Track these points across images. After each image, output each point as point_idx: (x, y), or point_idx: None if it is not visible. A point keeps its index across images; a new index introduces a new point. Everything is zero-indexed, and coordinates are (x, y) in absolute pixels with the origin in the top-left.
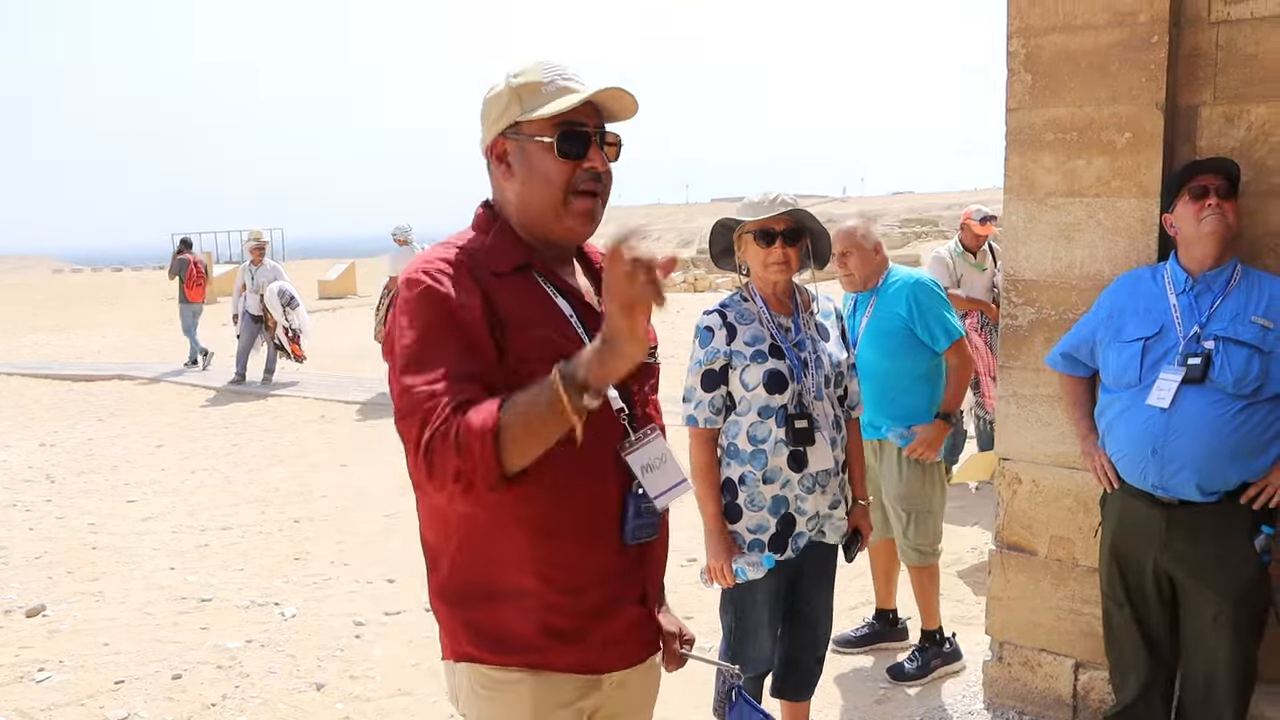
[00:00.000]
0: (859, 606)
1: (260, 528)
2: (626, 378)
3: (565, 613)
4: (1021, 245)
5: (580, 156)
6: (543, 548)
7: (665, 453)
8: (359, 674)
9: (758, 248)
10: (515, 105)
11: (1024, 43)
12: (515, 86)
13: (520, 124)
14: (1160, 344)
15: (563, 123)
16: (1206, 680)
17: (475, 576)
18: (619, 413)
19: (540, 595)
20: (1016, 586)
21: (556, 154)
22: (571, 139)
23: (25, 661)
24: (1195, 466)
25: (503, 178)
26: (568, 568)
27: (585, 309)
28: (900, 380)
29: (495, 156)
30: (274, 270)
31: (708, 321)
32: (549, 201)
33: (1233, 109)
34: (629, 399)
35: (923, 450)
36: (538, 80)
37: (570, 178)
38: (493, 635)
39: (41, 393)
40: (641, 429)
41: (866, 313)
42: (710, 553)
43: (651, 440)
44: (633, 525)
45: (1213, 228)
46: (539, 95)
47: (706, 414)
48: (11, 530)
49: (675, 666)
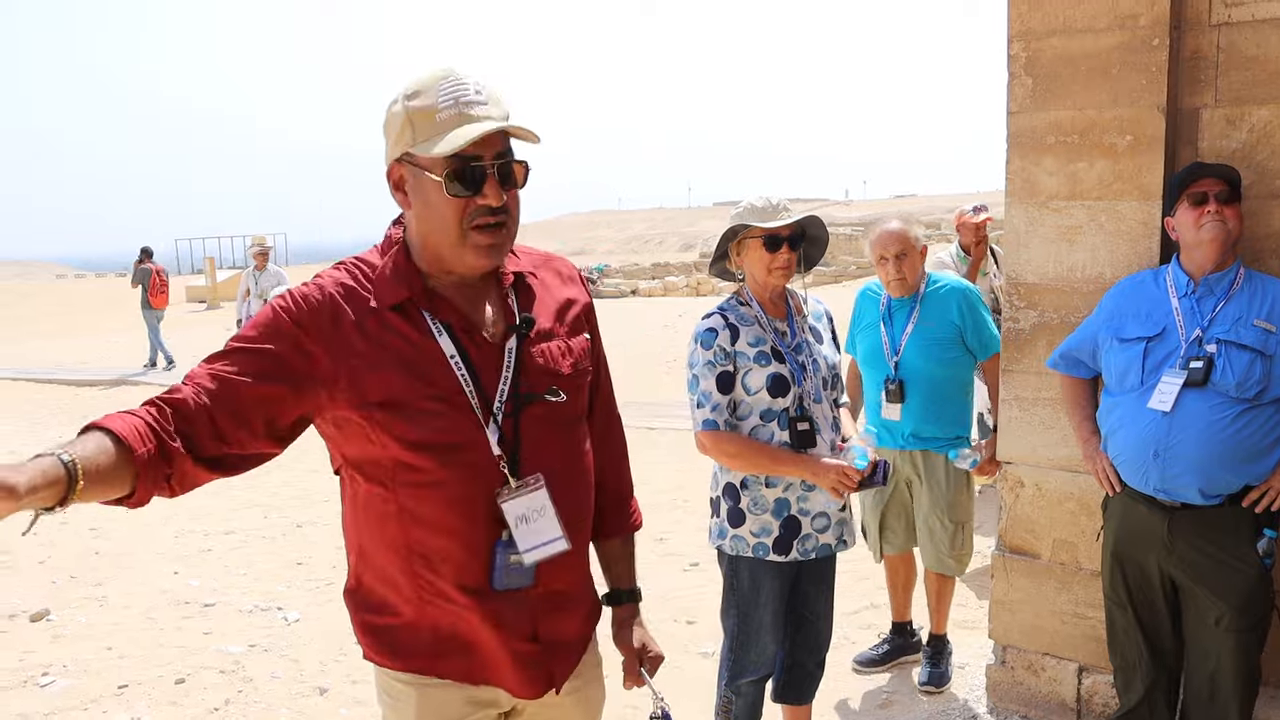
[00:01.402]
0: (861, 611)
1: (263, 532)
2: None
3: (446, 630)
4: (1023, 248)
5: (475, 193)
6: (420, 575)
7: (545, 505)
8: (362, 678)
9: (763, 252)
10: (408, 132)
11: (1025, 46)
12: (410, 110)
13: (413, 155)
14: (1162, 347)
15: (454, 159)
16: (1210, 683)
17: (370, 584)
18: (497, 457)
19: (421, 613)
20: (1020, 590)
21: (446, 193)
22: (462, 177)
23: (29, 666)
24: (1197, 470)
25: (402, 205)
26: (442, 596)
27: (470, 343)
28: (949, 389)
29: (392, 183)
30: (277, 275)
31: (709, 324)
32: (445, 238)
33: (1234, 111)
34: (518, 440)
35: (993, 468)
36: (432, 105)
37: (463, 215)
38: (387, 641)
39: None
40: (525, 477)
41: (911, 319)
42: (820, 475)
43: (533, 491)
44: (500, 573)
45: (1212, 235)
46: (432, 124)
47: (726, 416)
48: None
49: (632, 684)
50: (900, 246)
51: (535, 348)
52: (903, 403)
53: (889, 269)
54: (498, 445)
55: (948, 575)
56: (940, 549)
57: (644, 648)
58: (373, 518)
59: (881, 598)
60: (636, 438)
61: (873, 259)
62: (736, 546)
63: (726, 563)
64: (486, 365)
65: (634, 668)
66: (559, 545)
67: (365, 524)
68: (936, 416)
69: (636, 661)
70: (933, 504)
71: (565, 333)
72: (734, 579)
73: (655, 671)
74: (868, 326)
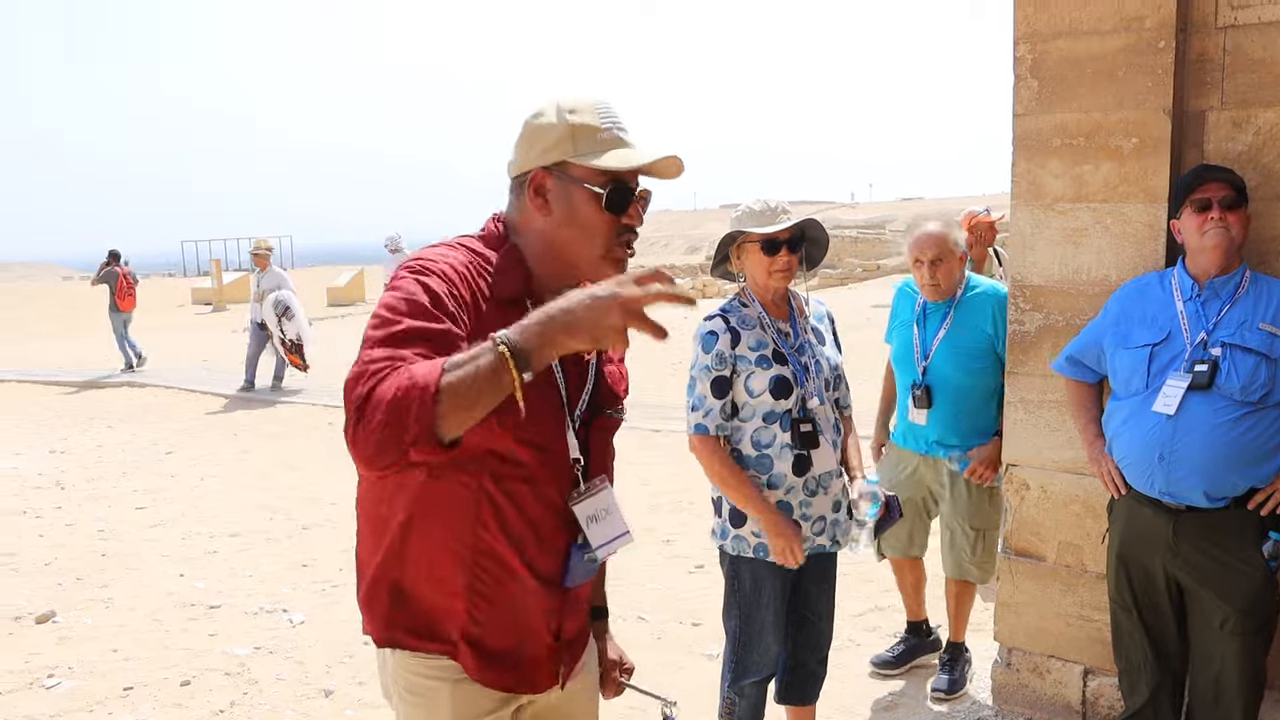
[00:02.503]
0: (866, 613)
1: (268, 534)
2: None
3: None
4: (1029, 251)
5: (622, 213)
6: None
7: (612, 504)
8: (367, 680)
9: (763, 256)
10: (568, 144)
11: (1031, 48)
12: (572, 125)
13: (569, 164)
14: (1167, 350)
15: (615, 177)
16: (1215, 686)
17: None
18: (574, 463)
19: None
20: (1025, 592)
21: (603, 207)
22: (620, 195)
23: (35, 668)
24: (1202, 472)
25: (537, 210)
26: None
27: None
28: (976, 398)
29: (533, 188)
30: (278, 278)
31: (711, 326)
32: (588, 250)
33: (1240, 114)
34: (586, 450)
35: (983, 470)
36: (594, 124)
37: (612, 232)
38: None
39: (51, 400)
40: (592, 480)
41: (944, 325)
42: (774, 535)
43: (600, 491)
44: (574, 571)
45: (1215, 241)
46: (594, 141)
47: (718, 421)
48: (21, 537)
49: (612, 694)
50: (936, 251)
51: (605, 369)
52: (929, 408)
53: (924, 273)
54: (578, 451)
55: (969, 582)
56: (961, 556)
57: (621, 659)
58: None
59: (886, 600)
60: (642, 440)
61: (909, 260)
62: (738, 546)
63: (728, 563)
64: (574, 376)
65: (614, 678)
66: (626, 539)
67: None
68: (961, 425)
69: (616, 672)
70: (954, 511)
71: (619, 358)
72: (735, 580)
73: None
74: (902, 324)
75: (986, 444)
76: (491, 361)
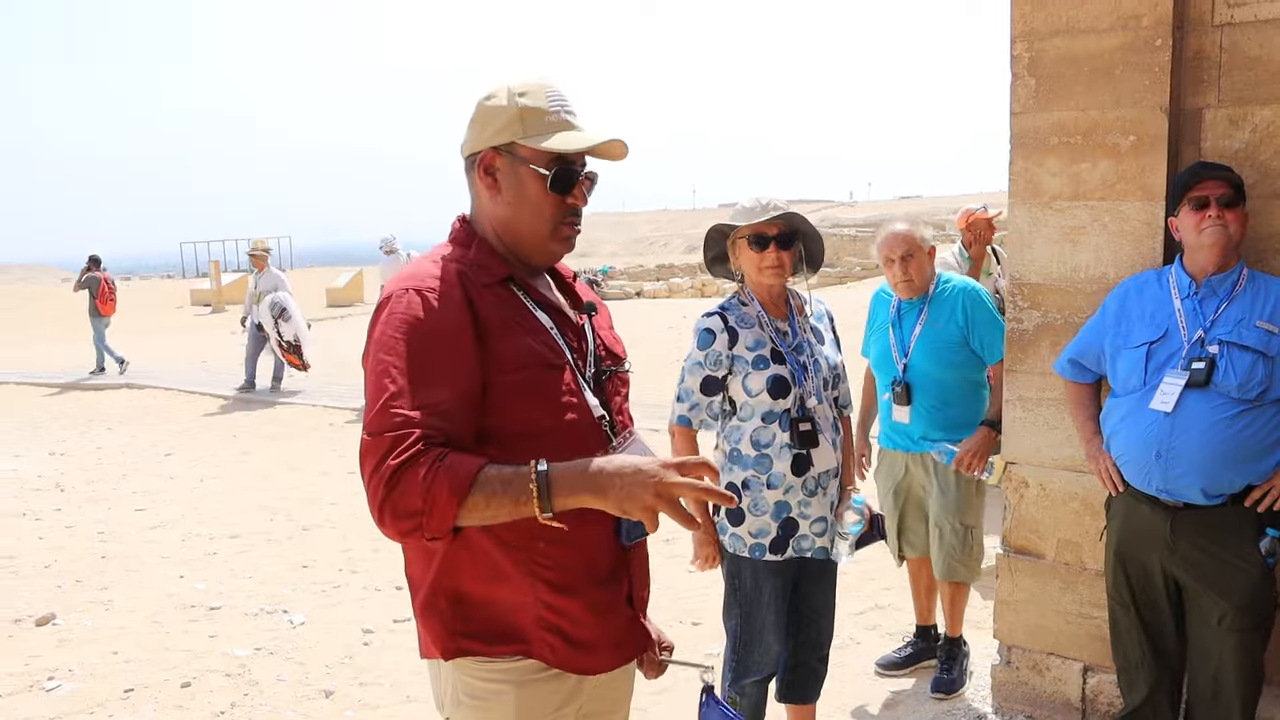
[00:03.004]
0: (867, 612)
1: (269, 535)
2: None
3: (560, 613)
4: (1027, 249)
5: (568, 194)
6: (541, 554)
7: (646, 450)
8: (368, 681)
9: (752, 253)
10: (517, 125)
11: (1028, 47)
12: (521, 107)
13: (517, 145)
14: (1164, 348)
15: (561, 160)
16: (1213, 683)
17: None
18: (600, 419)
19: (537, 597)
20: (1024, 590)
21: (549, 188)
22: (566, 176)
23: (35, 670)
24: (1199, 470)
25: (486, 189)
26: (567, 572)
27: (562, 320)
28: (955, 392)
29: (483, 168)
30: (275, 279)
31: (708, 324)
32: (537, 228)
33: (1237, 112)
34: (607, 406)
35: (970, 460)
36: (542, 107)
37: (558, 212)
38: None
39: (50, 402)
40: (621, 433)
41: (919, 321)
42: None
43: (634, 442)
44: (627, 525)
45: (1213, 239)
46: (542, 123)
47: (702, 416)
48: (21, 539)
49: (655, 674)
50: (906, 248)
51: (599, 330)
52: (910, 405)
53: (895, 271)
54: (601, 408)
55: (961, 582)
56: (951, 554)
57: (659, 638)
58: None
59: (887, 598)
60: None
61: (880, 261)
62: (735, 545)
63: (728, 562)
64: (574, 339)
65: (655, 657)
66: None
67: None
68: (945, 419)
69: (656, 650)
70: (943, 507)
71: (609, 324)
72: (736, 579)
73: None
74: (879, 329)
75: (973, 434)
76: (518, 493)
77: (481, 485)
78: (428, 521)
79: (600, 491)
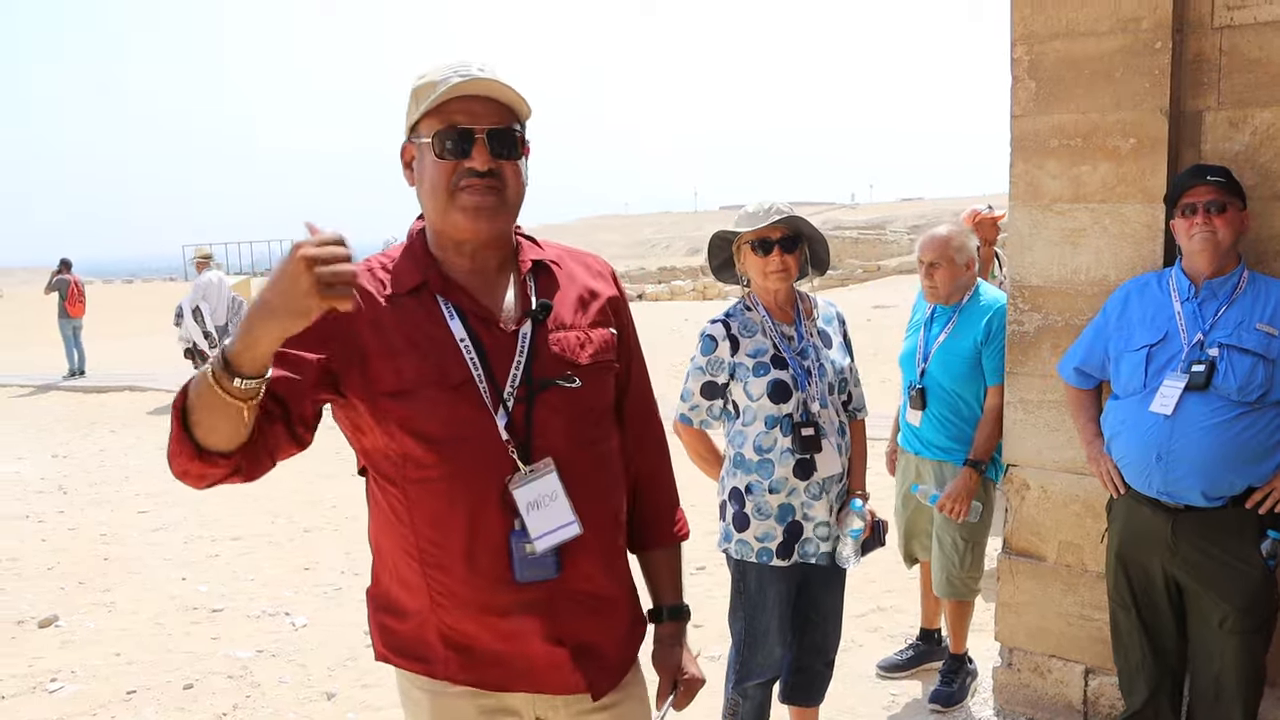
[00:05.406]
0: (868, 614)
1: (270, 537)
2: (530, 404)
3: (462, 633)
4: (1027, 251)
5: (464, 156)
6: (432, 577)
7: (557, 490)
8: (370, 683)
9: (756, 257)
10: (413, 106)
11: (1028, 49)
12: (415, 88)
13: (416, 127)
14: (1164, 351)
15: (442, 122)
16: (1215, 685)
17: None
18: (506, 443)
19: (438, 617)
20: (1026, 592)
21: (434, 154)
22: (447, 137)
23: (38, 672)
24: (1199, 472)
25: (411, 184)
26: (456, 598)
27: (484, 329)
28: (967, 405)
29: (405, 163)
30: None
31: (711, 331)
32: (436, 203)
33: (1237, 114)
34: (529, 427)
35: (952, 505)
36: (434, 80)
37: (450, 177)
38: (399, 643)
39: (53, 404)
40: (535, 462)
41: (945, 330)
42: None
43: (544, 475)
44: (520, 564)
45: (1201, 246)
46: (431, 95)
47: (703, 417)
48: (24, 541)
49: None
50: (934, 255)
51: (552, 335)
52: (924, 410)
53: (923, 275)
54: (505, 430)
55: (962, 600)
56: (950, 567)
57: (680, 670)
58: (388, 517)
59: (889, 600)
60: None
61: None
62: (741, 551)
63: (734, 566)
64: (499, 351)
65: (665, 692)
66: (571, 530)
67: (383, 524)
68: (950, 430)
69: (670, 685)
70: (945, 521)
71: (586, 324)
72: (741, 583)
73: (694, 695)
74: (913, 327)
75: (957, 479)
76: (199, 377)
77: (191, 384)
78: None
79: (264, 309)
